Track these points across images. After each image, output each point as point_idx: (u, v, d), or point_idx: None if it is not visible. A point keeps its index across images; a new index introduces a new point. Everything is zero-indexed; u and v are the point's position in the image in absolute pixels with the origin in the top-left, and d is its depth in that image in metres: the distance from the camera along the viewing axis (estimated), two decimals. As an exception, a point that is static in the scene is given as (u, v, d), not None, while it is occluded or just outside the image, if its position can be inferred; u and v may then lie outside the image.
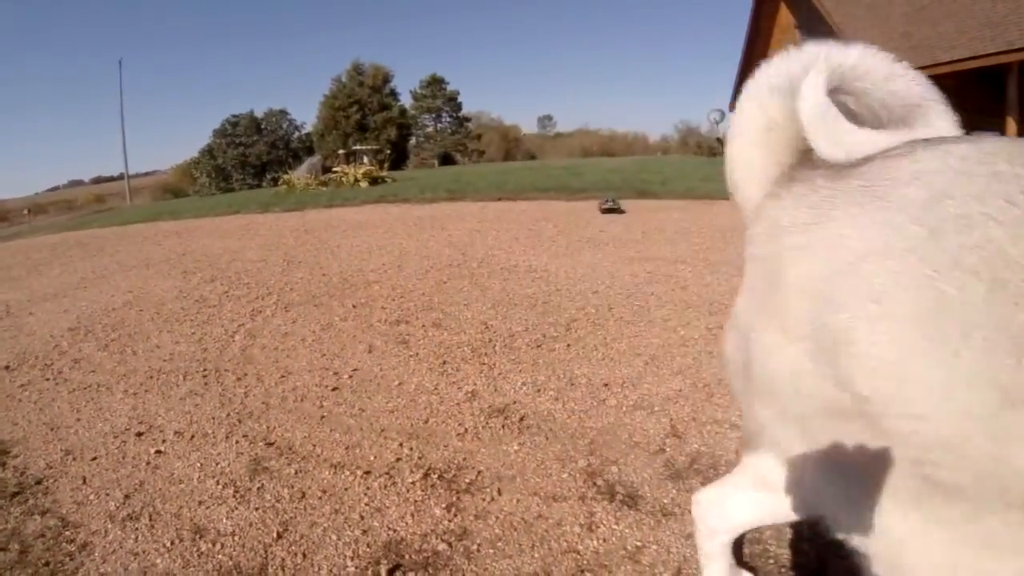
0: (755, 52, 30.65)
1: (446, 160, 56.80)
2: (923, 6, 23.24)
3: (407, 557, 2.18)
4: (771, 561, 2.10)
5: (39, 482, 3.05)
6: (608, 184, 14.34)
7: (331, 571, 2.16)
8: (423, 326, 4.58)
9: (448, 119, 63.47)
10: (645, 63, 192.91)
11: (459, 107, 63.83)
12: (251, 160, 46.52)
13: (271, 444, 3.05)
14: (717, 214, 9.95)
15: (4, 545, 2.61)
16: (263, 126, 51.09)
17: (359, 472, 2.75)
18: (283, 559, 2.24)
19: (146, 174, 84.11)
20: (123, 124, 55.06)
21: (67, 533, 2.60)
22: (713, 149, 36.77)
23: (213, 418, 3.38)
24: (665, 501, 2.45)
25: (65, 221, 26.17)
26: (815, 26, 24.59)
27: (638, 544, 2.20)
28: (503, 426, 3.09)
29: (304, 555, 2.25)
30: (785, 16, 28.09)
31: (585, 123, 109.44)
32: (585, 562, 2.12)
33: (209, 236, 10.53)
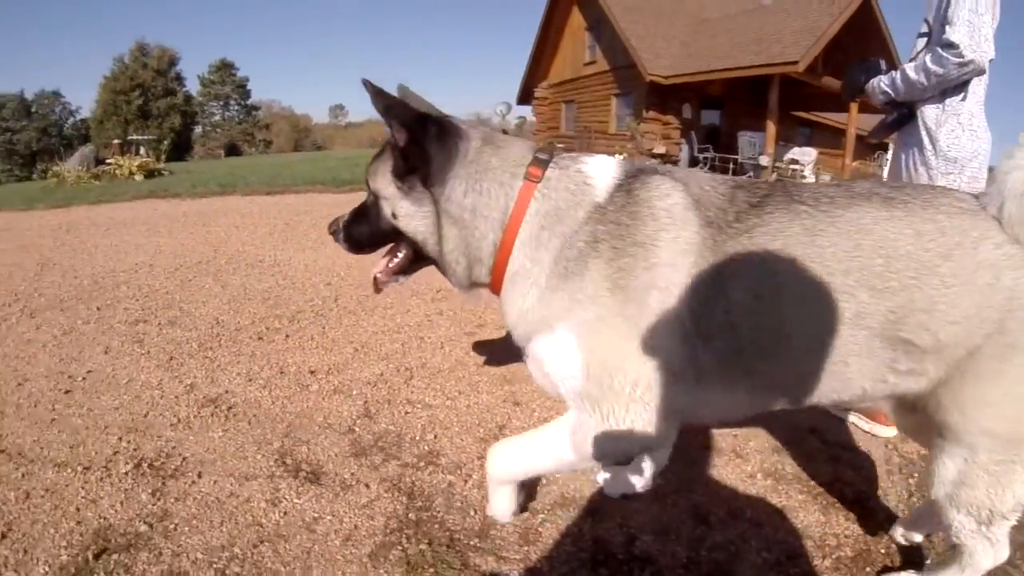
0: (545, 49, 32.25)
1: (231, 151, 54.54)
2: (703, 20, 26.00)
3: (113, 541, 2.43)
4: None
5: None
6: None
7: (47, 562, 2.37)
8: (159, 324, 4.74)
9: (236, 107, 61.11)
10: (440, 54, 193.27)
11: (248, 95, 61.42)
12: (19, 148, 42.73)
13: (2, 451, 3.16)
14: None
15: None
16: (34, 110, 47.18)
17: (80, 468, 2.94)
18: (6, 557, 2.42)
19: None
20: None
21: None
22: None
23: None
24: (346, 476, 2.81)
25: None
26: (603, 30, 26.38)
27: (315, 515, 2.54)
28: (212, 414, 3.37)
29: (25, 551, 2.44)
30: (577, 18, 29.76)
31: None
32: (266, 533, 2.45)
33: None
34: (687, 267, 1.66)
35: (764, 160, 19.60)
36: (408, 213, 1.89)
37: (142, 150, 21.23)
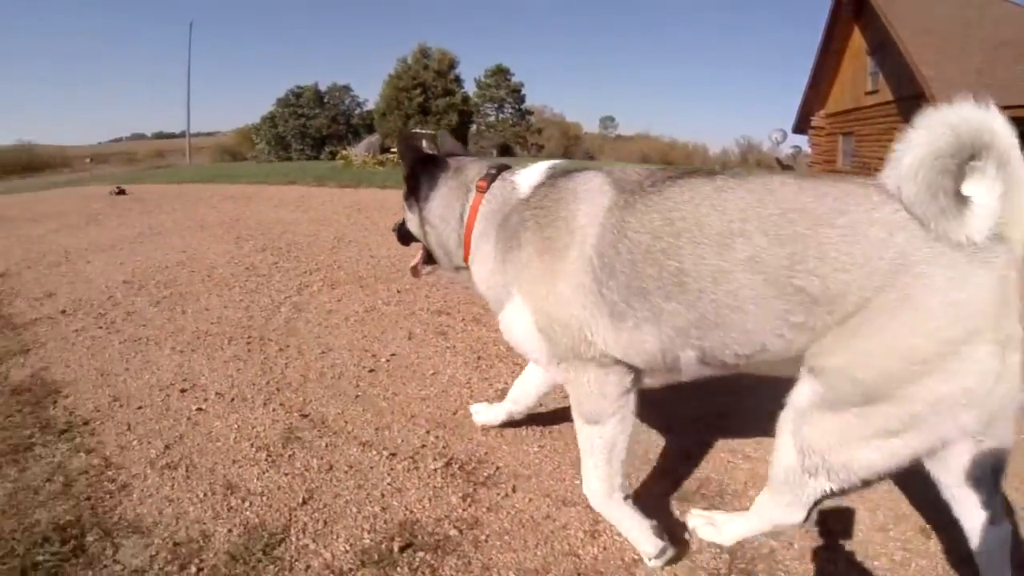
0: (824, 74, 29.06)
1: (505, 151, 55.99)
2: (1001, 43, 21.86)
3: (420, 538, 2.33)
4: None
5: (86, 423, 3.26)
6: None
7: (348, 540, 2.31)
8: (463, 320, 4.64)
9: (510, 110, 62.61)
10: (713, 74, 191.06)
11: (522, 99, 62.44)
12: (311, 132, 46.27)
13: (306, 416, 3.20)
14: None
15: (50, 476, 2.83)
16: (326, 99, 50.90)
17: (385, 453, 2.90)
18: (305, 523, 2.41)
19: (207, 134, 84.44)
20: (189, 84, 55.70)
21: (109, 473, 2.80)
22: (772, 168, 35.65)
23: (253, 384, 3.54)
24: (668, 521, 2.53)
25: (125, 173, 26.64)
26: (887, 54, 23.29)
27: (635, 557, 2.29)
28: (527, 427, 3.18)
29: (325, 522, 2.42)
30: (858, 41, 26.62)
31: (646, 128, 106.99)
32: (584, 566, 2.24)
33: (264, 204, 10.77)
34: (600, 221, 2.03)
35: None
36: (410, 220, 2.71)
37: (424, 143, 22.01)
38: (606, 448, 2.24)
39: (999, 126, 1.59)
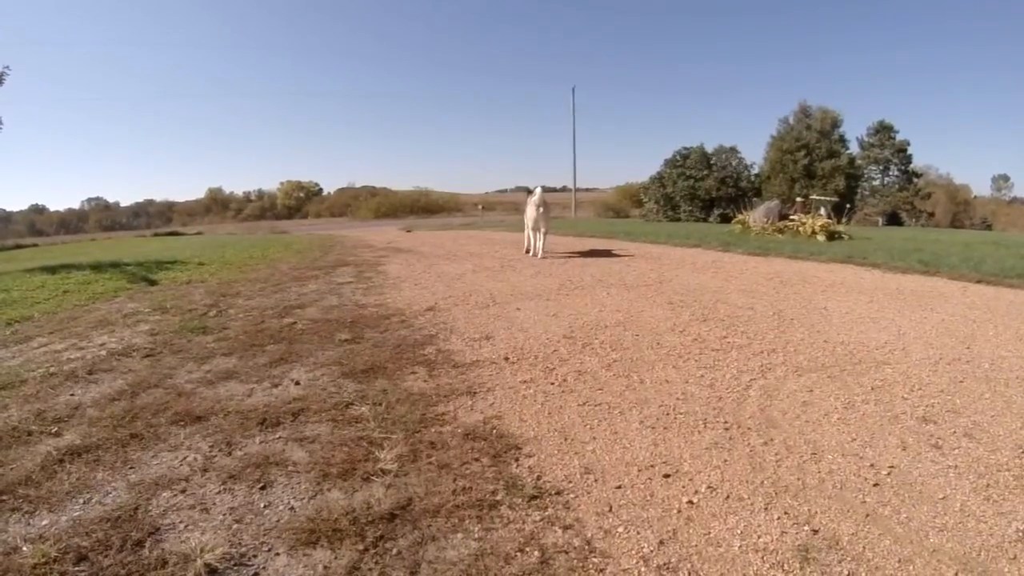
0: None
1: (893, 219, 52.55)
2: None
3: None
4: None
5: (558, 493, 3.11)
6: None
7: None
8: (954, 432, 3.87)
9: (895, 172, 58.43)
10: None
11: (908, 159, 57.94)
12: (699, 194, 46.08)
13: (816, 532, 2.77)
14: None
15: (522, 547, 2.68)
16: (713, 161, 50.75)
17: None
18: None
19: (586, 190, 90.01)
20: (574, 143, 58.92)
21: (594, 560, 2.59)
22: None
23: (746, 482, 3.18)
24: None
25: (514, 220, 28.43)
26: None
27: None
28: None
29: None
30: None
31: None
32: None
33: (679, 267, 10.82)
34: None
35: None
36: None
37: (822, 210, 21.07)
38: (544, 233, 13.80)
39: (538, 190, 13.75)
